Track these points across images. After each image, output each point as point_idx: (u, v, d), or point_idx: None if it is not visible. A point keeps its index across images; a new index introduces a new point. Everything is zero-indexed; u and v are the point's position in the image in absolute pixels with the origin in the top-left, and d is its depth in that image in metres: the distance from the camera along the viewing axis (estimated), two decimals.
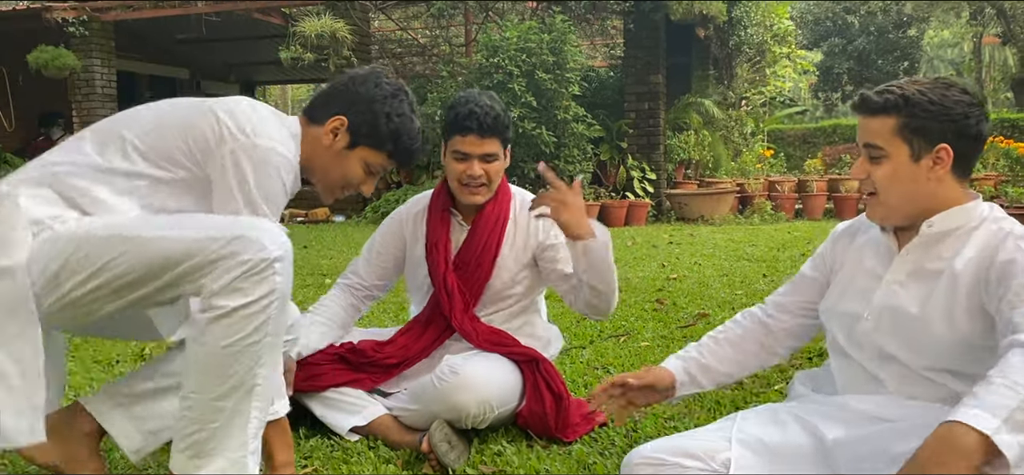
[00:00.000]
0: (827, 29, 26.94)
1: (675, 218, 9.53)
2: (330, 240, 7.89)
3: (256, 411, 1.62)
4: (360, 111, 1.87)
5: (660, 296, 4.51)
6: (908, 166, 1.60)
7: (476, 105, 2.31)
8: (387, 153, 1.92)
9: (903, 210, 1.65)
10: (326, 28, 9.79)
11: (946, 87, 1.61)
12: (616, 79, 10.57)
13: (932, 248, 1.64)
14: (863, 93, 1.67)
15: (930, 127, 1.58)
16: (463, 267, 2.41)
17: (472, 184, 2.35)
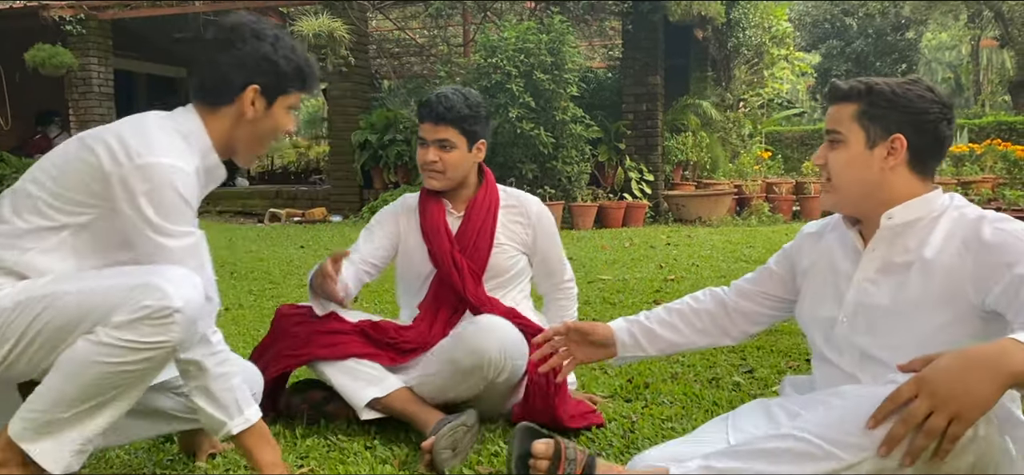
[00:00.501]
0: (825, 31, 26.97)
1: (673, 219, 9.53)
2: (327, 240, 7.88)
3: (99, 422, 1.69)
4: (264, 71, 1.86)
5: (657, 297, 4.50)
6: (862, 153, 1.63)
7: (436, 94, 2.46)
8: (298, 90, 1.94)
9: (854, 199, 1.67)
10: (324, 28, 9.77)
11: (912, 83, 1.65)
12: (614, 80, 10.56)
13: (897, 241, 1.65)
14: (833, 81, 1.72)
15: (887, 116, 1.61)
16: (463, 249, 2.49)
17: (428, 169, 2.48)
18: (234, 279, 5.41)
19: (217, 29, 1.89)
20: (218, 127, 1.87)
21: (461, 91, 2.49)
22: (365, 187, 10.69)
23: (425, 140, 2.48)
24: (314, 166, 17.53)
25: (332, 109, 11.03)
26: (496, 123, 8.57)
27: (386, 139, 10.00)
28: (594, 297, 4.51)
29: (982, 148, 12.05)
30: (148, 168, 1.69)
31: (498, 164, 8.84)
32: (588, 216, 8.88)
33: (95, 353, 1.62)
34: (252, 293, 4.85)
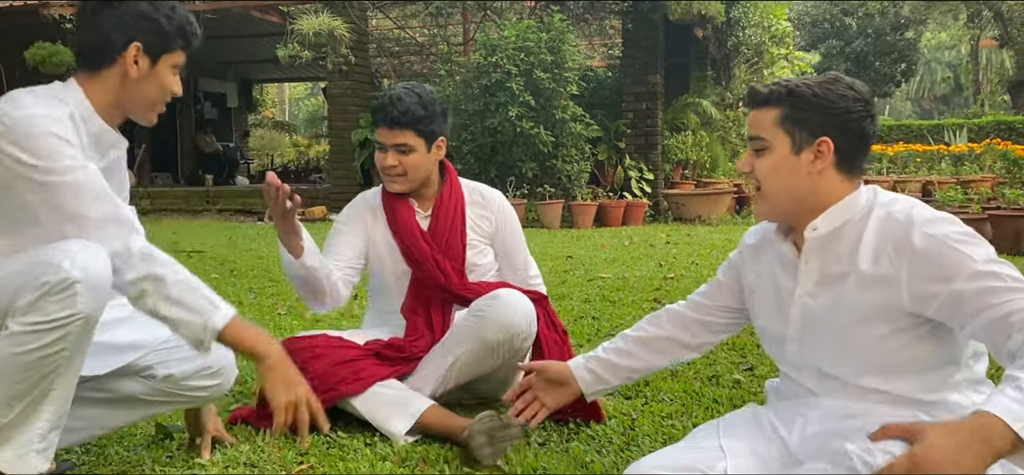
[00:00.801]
0: (825, 31, 26.97)
1: (672, 218, 9.53)
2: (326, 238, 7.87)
3: (47, 414, 1.69)
4: (144, 29, 1.82)
5: (657, 295, 4.50)
6: (789, 158, 1.58)
7: (389, 100, 2.40)
8: (183, 48, 1.90)
9: (785, 206, 1.62)
10: (324, 26, 9.78)
11: (834, 82, 1.60)
12: (614, 79, 10.57)
13: (829, 250, 1.60)
14: (752, 86, 1.67)
15: (811, 119, 1.57)
16: (437, 245, 2.49)
17: (387, 173, 2.45)
18: (234, 277, 5.41)
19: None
20: (102, 90, 1.84)
21: (414, 90, 2.43)
22: (365, 185, 10.68)
23: (383, 145, 2.44)
24: (314, 164, 17.54)
25: (332, 108, 11.03)
26: (496, 122, 8.58)
27: None
28: (594, 295, 4.51)
29: (981, 147, 12.07)
30: (15, 123, 1.67)
31: (498, 163, 8.85)
32: (588, 215, 8.88)
33: (9, 346, 1.61)
34: (252, 291, 4.86)
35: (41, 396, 1.66)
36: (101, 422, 2.00)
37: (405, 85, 2.47)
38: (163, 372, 1.99)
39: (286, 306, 4.38)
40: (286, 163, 19.10)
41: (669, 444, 2.14)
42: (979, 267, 1.42)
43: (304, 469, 2.11)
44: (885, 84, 27.33)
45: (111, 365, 1.91)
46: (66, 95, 1.80)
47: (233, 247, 7.16)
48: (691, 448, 1.70)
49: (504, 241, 2.62)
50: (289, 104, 34.48)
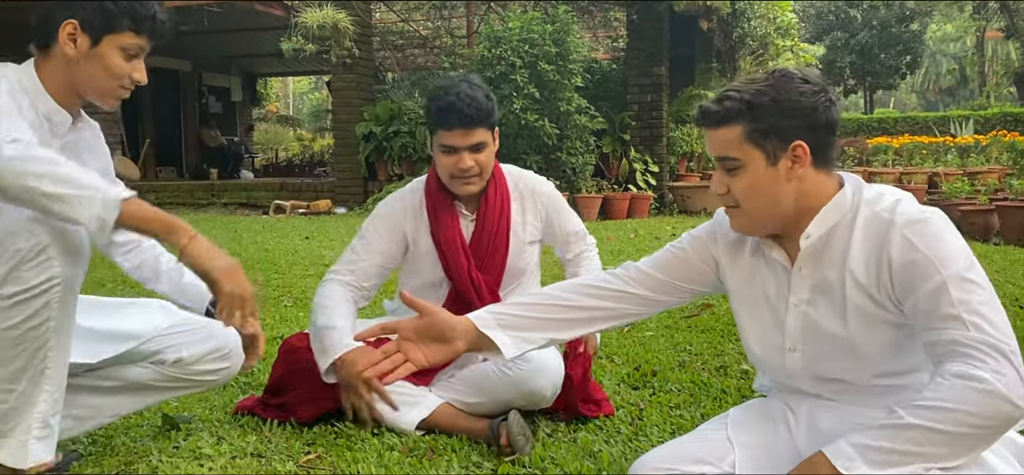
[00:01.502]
0: (830, 23, 26.87)
1: (678, 211, 9.51)
2: (332, 231, 7.88)
3: (46, 397, 1.68)
4: (82, 5, 1.75)
5: None
6: (766, 172, 1.51)
7: (456, 97, 2.21)
8: (132, 30, 1.80)
9: (768, 219, 1.56)
10: (328, 19, 9.75)
11: (787, 80, 1.51)
12: (619, 71, 10.54)
13: (821, 256, 1.55)
14: (702, 105, 1.56)
15: (779, 125, 1.49)
16: (479, 257, 2.38)
17: (464, 177, 2.29)
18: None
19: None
20: (51, 70, 1.79)
21: (475, 83, 2.28)
22: (369, 179, 10.68)
23: (455, 148, 2.25)
24: (318, 158, 17.55)
25: (336, 101, 11.02)
26: (500, 114, 8.54)
27: (390, 131, 9.98)
28: None
29: (988, 139, 12.01)
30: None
31: (502, 155, 8.71)
32: (593, 207, 8.86)
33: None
34: (258, 284, 4.83)
35: (38, 374, 1.66)
36: (110, 410, 2.00)
37: (459, 79, 2.29)
38: (172, 356, 1.99)
39: (292, 298, 4.38)
40: (290, 157, 19.12)
41: (677, 435, 2.14)
42: (942, 280, 1.39)
43: (311, 459, 2.10)
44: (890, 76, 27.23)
45: (106, 353, 1.90)
46: (17, 76, 1.77)
47: (238, 241, 7.16)
48: (699, 440, 1.69)
49: (557, 227, 2.50)
50: (293, 98, 34.49)
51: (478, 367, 2.31)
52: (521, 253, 2.45)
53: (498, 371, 2.23)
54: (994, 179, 9.32)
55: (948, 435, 1.29)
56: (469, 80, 2.29)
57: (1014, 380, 1.30)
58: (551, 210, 2.50)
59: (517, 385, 2.21)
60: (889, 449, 1.30)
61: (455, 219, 2.37)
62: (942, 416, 1.29)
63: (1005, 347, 1.32)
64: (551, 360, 2.25)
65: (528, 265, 2.49)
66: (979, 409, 1.28)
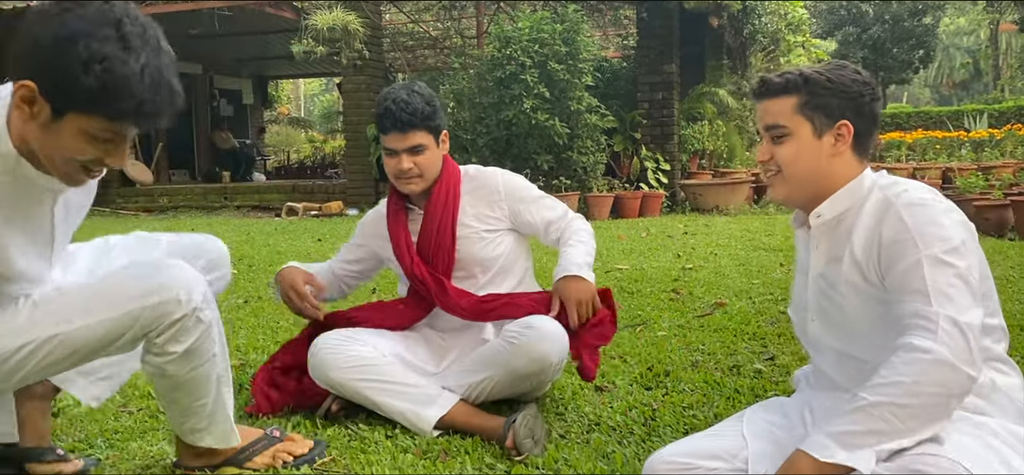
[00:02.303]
0: (841, 18, 26.73)
1: (690, 209, 9.48)
2: (343, 233, 7.90)
3: (229, 396, 1.90)
4: (47, 65, 1.35)
5: (676, 286, 4.48)
6: (811, 143, 1.63)
7: (392, 102, 2.35)
8: (105, 115, 1.39)
9: (806, 188, 1.67)
10: (338, 21, 9.79)
11: (840, 68, 1.66)
12: (629, 69, 10.51)
13: (834, 232, 1.65)
14: (763, 77, 1.70)
15: (830, 103, 1.62)
16: (425, 250, 2.47)
17: (405, 177, 2.41)
18: (252, 272, 5.43)
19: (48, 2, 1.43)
20: (16, 120, 1.45)
21: (414, 89, 2.40)
22: (381, 180, 10.70)
23: (394, 150, 2.39)
24: (330, 160, 17.59)
25: (347, 103, 11.05)
26: (510, 114, 8.56)
27: None
28: (612, 287, 4.48)
29: (1002, 133, 11.92)
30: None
31: (513, 155, 8.83)
32: (604, 206, 8.85)
33: (178, 371, 1.77)
34: (270, 285, 4.87)
35: (219, 385, 1.86)
36: (129, 363, 2.03)
37: (400, 86, 2.44)
38: None
39: None
40: (302, 159, 19.18)
41: (690, 434, 2.13)
42: (919, 258, 1.46)
43: (326, 462, 2.11)
44: (903, 71, 27.05)
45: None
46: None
47: (251, 242, 7.20)
48: (714, 436, 1.72)
49: (522, 213, 2.53)
50: (304, 100, 34.60)
51: (486, 346, 2.38)
52: (480, 243, 2.50)
53: (505, 343, 2.29)
54: (1009, 174, 9.25)
55: (910, 407, 1.36)
56: (410, 86, 2.43)
57: (961, 347, 1.37)
58: (510, 200, 2.52)
59: (525, 350, 2.24)
60: (860, 432, 1.37)
61: (403, 217, 2.54)
62: (899, 391, 1.37)
63: (960, 319, 1.39)
64: (555, 327, 2.29)
65: (498, 253, 2.53)
66: (930, 378, 1.36)
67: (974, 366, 1.37)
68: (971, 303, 1.42)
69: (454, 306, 2.43)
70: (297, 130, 23.56)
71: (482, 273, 2.51)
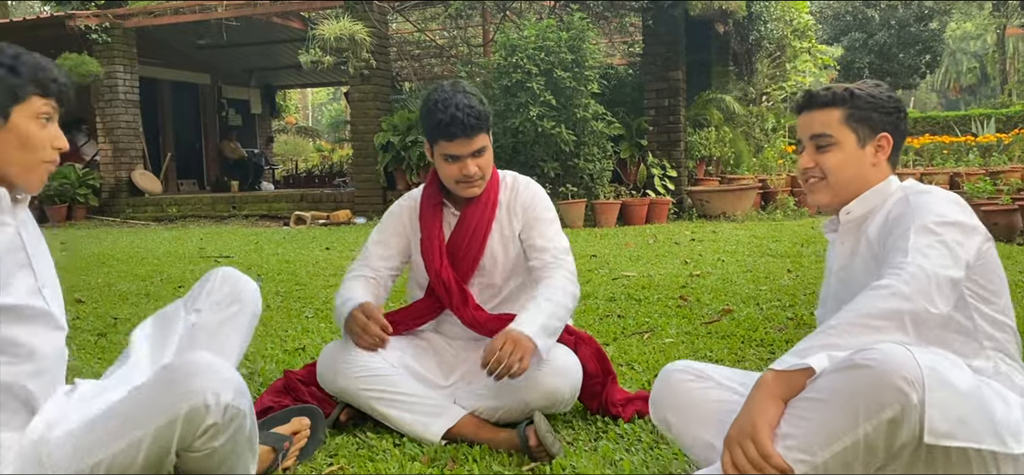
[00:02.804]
0: (847, 23, 26.67)
1: (697, 215, 9.48)
2: (352, 242, 7.92)
3: (252, 460, 1.82)
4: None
5: (684, 293, 4.48)
6: (856, 151, 1.79)
7: (457, 108, 2.30)
8: (39, 94, 1.68)
9: (846, 192, 1.82)
10: (345, 31, 9.83)
11: (878, 87, 1.83)
12: (635, 76, 10.53)
13: (858, 229, 1.80)
14: (809, 90, 1.86)
15: (872, 117, 1.79)
16: (454, 252, 2.46)
17: (469, 182, 2.39)
18: (261, 282, 5.45)
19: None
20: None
21: (466, 92, 2.36)
22: (389, 188, 10.74)
23: (458, 155, 2.34)
24: (338, 169, 17.66)
25: (354, 112, 11.09)
26: (517, 122, 8.59)
27: (408, 140, 10.03)
28: (619, 294, 4.50)
29: (1010, 137, 11.89)
30: None
31: (520, 163, 8.85)
32: (611, 213, 8.85)
33: (215, 461, 1.73)
34: (280, 295, 4.89)
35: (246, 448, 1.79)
36: None
37: (450, 90, 2.36)
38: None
39: (313, 309, 4.41)
40: (310, 168, 19.24)
41: None
42: (911, 224, 1.59)
43: (334, 470, 2.13)
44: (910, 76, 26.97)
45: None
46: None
47: (260, 252, 7.23)
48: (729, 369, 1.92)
49: (526, 230, 2.49)
50: (312, 108, 34.71)
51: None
52: (504, 253, 2.49)
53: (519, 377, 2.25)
54: (1017, 178, 9.21)
55: (862, 326, 1.46)
56: (462, 89, 2.37)
57: (921, 285, 1.47)
58: (527, 212, 2.50)
59: (537, 385, 2.24)
60: (816, 345, 1.48)
61: (439, 216, 2.49)
62: (852, 315, 1.48)
63: (927, 266, 1.50)
64: (570, 362, 2.29)
65: (512, 285, 2.52)
66: (884, 306, 1.47)
67: (933, 302, 1.46)
68: (949, 264, 1.52)
69: (472, 320, 2.42)
70: (305, 139, 23.66)
71: (503, 282, 2.51)
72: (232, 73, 16.79)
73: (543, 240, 2.46)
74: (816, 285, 4.59)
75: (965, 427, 1.37)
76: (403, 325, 2.50)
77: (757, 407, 1.46)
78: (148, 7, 11.92)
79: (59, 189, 11.78)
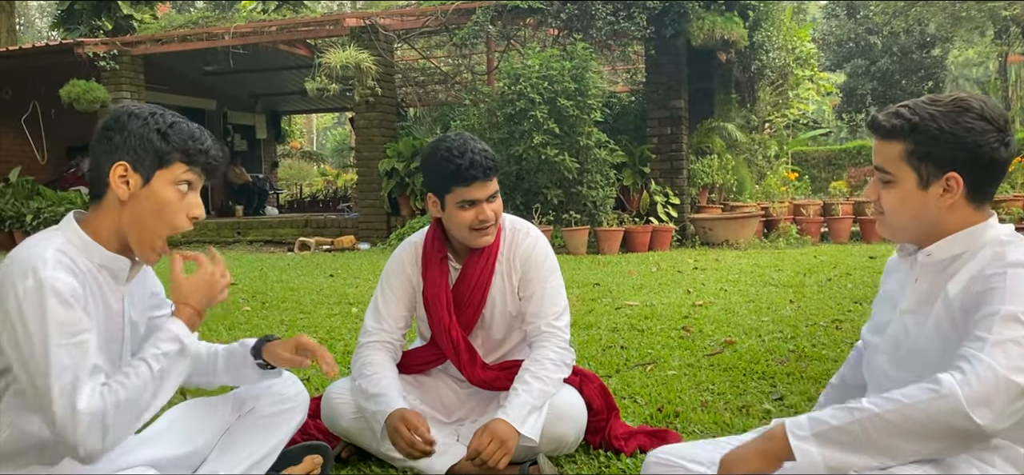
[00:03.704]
0: (850, 50, 26.81)
1: (699, 243, 9.50)
2: (356, 268, 7.95)
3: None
4: (132, 146, 1.70)
5: (686, 323, 4.50)
6: (916, 193, 1.55)
7: (473, 153, 2.26)
8: (184, 163, 1.75)
9: (910, 233, 1.61)
10: (351, 59, 9.93)
11: (962, 111, 1.52)
12: (638, 104, 10.60)
13: (940, 275, 1.57)
14: (874, 115, 1.62)
15: (939, 154, 1.52)
16: (457, 305, 2.41)
17: (484, 228, 2.33)
18: (265, 309, 5.48)
19: (107, 117, 1.76)
20: (102, 220, 1.72)
21: (474, 139, 2.33)
22: (393, 214, 10.79)
23: (476, 200, 2.29)
24: (342, 194, 17.73)
25: (359, 138, 11.17)
26: (521, 149, 8.65)
27: (413, 166, 10.10)
28: (622, 324, 4.52)
29: (1013, 165, 11.91)
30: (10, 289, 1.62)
31: (524, 190, 8.90)
32: (614, 241, 8.89)
33: None
34: (284, 323, 4.92)
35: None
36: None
37: (459, 137, 2.32)
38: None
39: (317, 338, 4.43)
40: (314, 192, 19.32)
41: None
42: (999, 310, 1.37)
43: None
44: None
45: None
46: (57, 233, 1.72)
47: (264, 279, 7.26)
48: (711, 445, 1.75)
49: (524, 286, 2.44)
50: (316, 133, 34.88)
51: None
52: (503, 305, 2.45)
53: None
54: (1018, 207, 9.23)
55: (895, 426, 1.32)
56: (469, 136, 2.34)
57: (980, 392, 1.29)
58: (526, 264, 2.44)
59: (544, 431, 2.25)
60: (838, 428, 1.36)
61: (446, 273, 2.42)
62: (894, 407, 1.33)
63: (1000, 370, 1.30)
64: (575, 405, 2.31)
65: (513, 339, 2.52)
66: (930, 409, 1.31)
67: (983, 414, 1.28)
68: (1019, 364, 1.31)
69: (480, 381, 2.40)
70: (309, 163, 23.75)
71: (504, 335, 2.49)
72: (238, 99, 16.91)
73: (536, 305, 2.41)
74: (818, 316, 4.61)
75: None
76: (410, 369, 2.50)
77: (754, 460, 1.43)
78: (156, 34, 12.05)
79: (64, 214, 11.85)
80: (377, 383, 2.31)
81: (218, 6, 20.70)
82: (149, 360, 1.67)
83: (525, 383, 2.27)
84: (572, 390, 2.37)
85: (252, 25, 11.68)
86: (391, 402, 2.24)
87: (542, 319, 2.39)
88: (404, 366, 2.48)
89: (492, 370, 2.41)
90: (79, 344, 1.56)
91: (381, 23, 10.60)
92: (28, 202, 12.01)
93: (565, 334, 2.41)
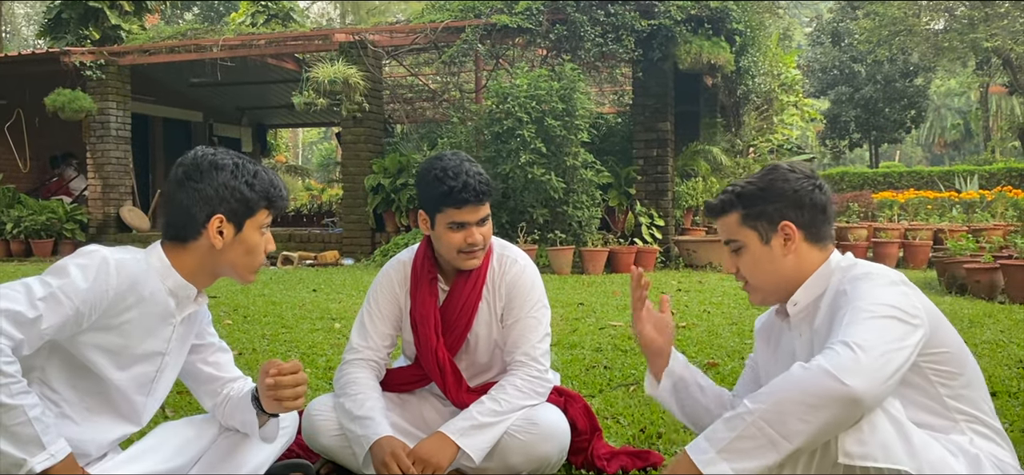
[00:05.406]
0: (834, 77, 27.11)
1: (684, 265, 9.54)
2: (339, 283, 7.92)
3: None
4: (225, 199, 1.88)
5: None
6: (762, 250, 1.79)
7: (467, 176, 2.24)
8: (266, 209, 1.95)
9: (774, 289, 1.81)
10: (339, 74, 9.93)
11: (773, 171, 1.81)
12: (625, 126, 10.66)
13: (813, 319, 1.76)
14: (708, 201, 1.89)
15: (767, 210, 1.77)
16: (444, 325, 2.39)
17: (472, 251, 2.32)
18: (247, 323, 5.44)
19: (178, 167, 1.91)
20: (189, 260, 1.90)
21: (467, 159, 2.31)
22: (378, 230, 10.76)
23: (466, 223, 2.26)
24: (327, 209, 17.67)
25: (346, 153, 11.15)
26: (507, 168, 8.66)
27: (399, 183, 10.09)
28: (605, 344, 4.52)
29: (993, 195, 12.04)
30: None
31: (509, 209, 8.91)
32: (599, 260, 8.90)
33: None
34: (265, 338, 4.89)
35: None
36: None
37: (451, 157, 2.30)
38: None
39: (299, 353, 4.41)
40: (299, 207, 19.25)
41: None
42: (848, 309, 1.55)
43: None
44: (895, 130, 27.36)
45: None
46: (148, 255, 1.90)
47: (246, 292, 7.21)
48: None
49: (507, 316, 2.42)
50: (302, 148, 34.81)
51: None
52: (488, 329, 2.44)
53: (508, 436, 2.25)
54: (999, 236, 9.33)
55: (781, 412, 1.42)
56: (466, 157, 2.32)
57: (847, 361, 1.41)
58: (510, 294, 2.42)
59: (526, 449, 2.24)
60: (738, 437, 1.46)
61: (435, 294, 2.40)
62: (773, 396, 1.45)
63: (850, 340, 1.45)
64: (559, 425, 2.29)
65: (496, 365, 2.50)
66: (803, 383, 1.43)
67: (853, 379, 1.39)
68: (877, 339, 1.46)
69: (463, 402, 2.35)
70: (295, 178, 23.66)
71: (488, 359, 2.47)
72: (224, 111, 16.86)
73: (517, 334, 2.39)
74: None
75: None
76: (393, 387, 2.48)
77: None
78: (143, 45, 12.01)
79: (46, 223, 11.74)
80: (362, 404, 2.28)
81: (206, 18, 20.67)
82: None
83: (480, 402, 2.28)
84: (556, 410, 2.35)
85: (241, 38, 11.67)
86: (377, 428, 2.21)
87: (519, 349, 2.38)
88: (387, 384, 2.46)
89: (476, 393, 2.38)
90: (32, 300, 1.64)
91: (370, 39, 10.62)
92: (8, 210, 11.91)
93: (542, 363, 2.38)
